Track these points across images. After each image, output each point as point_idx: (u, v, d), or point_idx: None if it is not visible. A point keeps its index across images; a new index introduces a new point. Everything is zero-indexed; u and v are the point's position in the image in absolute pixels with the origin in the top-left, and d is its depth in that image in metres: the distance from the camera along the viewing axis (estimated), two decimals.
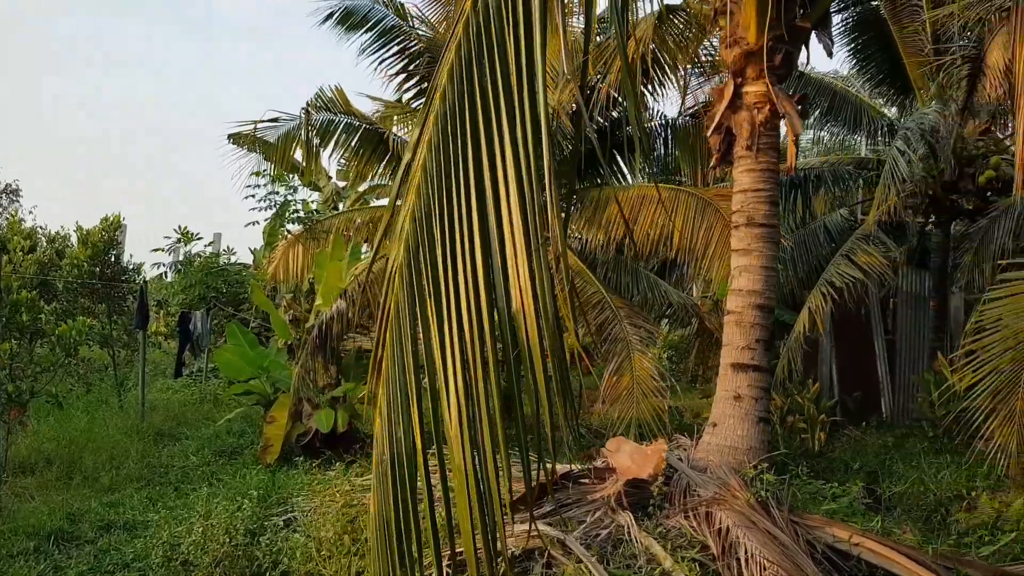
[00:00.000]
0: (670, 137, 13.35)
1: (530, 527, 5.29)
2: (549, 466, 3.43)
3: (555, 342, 1.96)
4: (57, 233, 19.77)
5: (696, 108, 12.81)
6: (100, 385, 14.46)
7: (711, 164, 8.14)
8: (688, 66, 11.84)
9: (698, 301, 14.16)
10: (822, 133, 17.84)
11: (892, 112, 16.55)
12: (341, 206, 22.31)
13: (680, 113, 13.06)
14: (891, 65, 14.25)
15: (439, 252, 2.23)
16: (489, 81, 2.27)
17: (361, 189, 22.55)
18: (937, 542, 6.88)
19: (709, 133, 7.87)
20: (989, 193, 12.66)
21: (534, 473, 3.38)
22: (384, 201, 19.71)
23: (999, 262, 9.98)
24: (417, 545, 2.11)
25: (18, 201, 28.87)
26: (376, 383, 2.60)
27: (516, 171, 2.12)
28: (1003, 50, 11.81)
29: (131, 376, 14.97)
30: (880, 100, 16.80)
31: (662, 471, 6.22)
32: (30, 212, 36.53)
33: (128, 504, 8.34)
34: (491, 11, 2.34)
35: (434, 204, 2.29)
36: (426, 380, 2.25)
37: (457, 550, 2.15)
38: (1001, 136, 13.53)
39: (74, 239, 18.19)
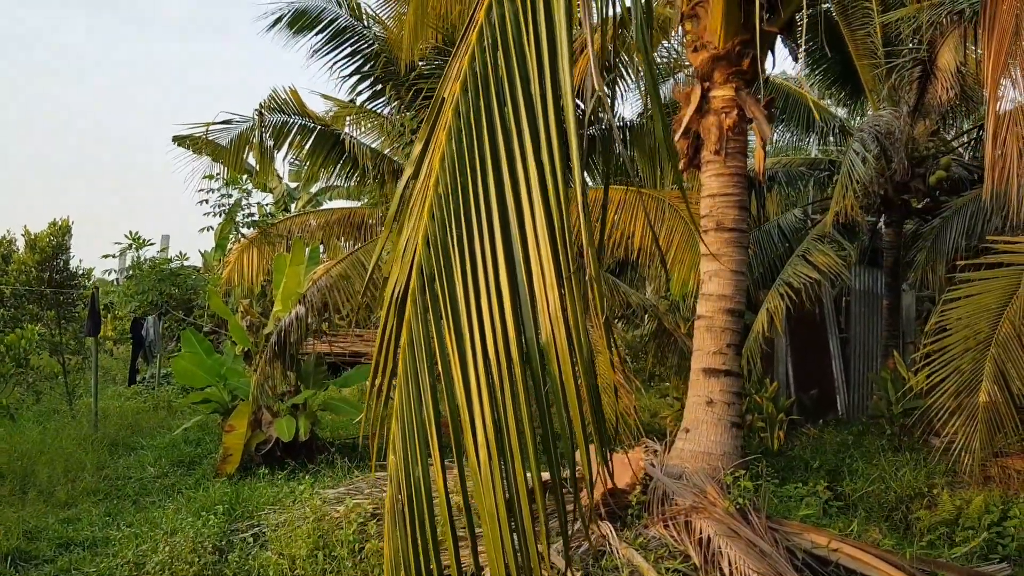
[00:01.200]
0: (628, 139, 13.35)
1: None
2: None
3: (590, 378, 1.87)
4: (3, 237, 19.11)
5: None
6: (50, 394, 14.06)
7: (680, 168, 8.08)
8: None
9: (655, 301, 14.18)
10: (773, 135, 17.99)
11: (842, 113, 16.76)
12: (293, 207, 22.02)
13: (638, 114, 13.04)
14: (843, 67, 14.41)
15: (458, 280, 2.12)
16: (508, 94, 2.16)
17: (313, 190, 22.31)
18: (905, 542, 6.95)
19: (677, 137, 7.80)
20: (939, 193, 12.89)
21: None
22: (340, 203, 19.46)
23: (957, 262, 10.12)
24: None
25: None
26: (377, 399, 2.49)
27: (542, 191, 2.01)
28: (954, 52, 12.00)
29: (81, 384, 14.54)
30: (829, 101, 17.00)
31: (640, 479, 6.16)
32: None
33: (87, 520, 8.05)
34: (508, 20, 2.24)
35: (451, 227, 2.17)
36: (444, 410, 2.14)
37: None
38: (948, 138, 13.78)
39: (21, 243, 17.63)
